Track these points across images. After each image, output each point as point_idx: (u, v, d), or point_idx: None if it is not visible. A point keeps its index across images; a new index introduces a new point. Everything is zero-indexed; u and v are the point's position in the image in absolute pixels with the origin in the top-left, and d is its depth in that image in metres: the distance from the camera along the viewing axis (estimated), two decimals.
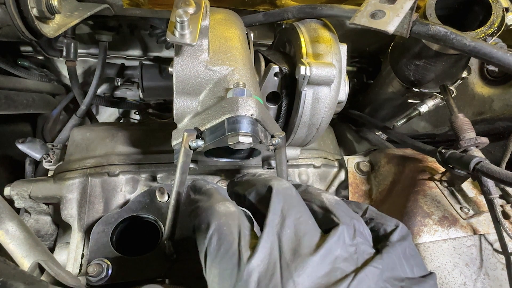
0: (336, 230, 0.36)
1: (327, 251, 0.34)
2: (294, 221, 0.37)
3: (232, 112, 0.55)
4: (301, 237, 0.36)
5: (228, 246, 0.36)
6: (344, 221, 0.38)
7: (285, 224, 0.37)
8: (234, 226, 0.38)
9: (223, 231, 0.37)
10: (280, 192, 0.40)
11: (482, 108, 1.04)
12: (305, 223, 0.37)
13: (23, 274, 0.48)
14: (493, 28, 0.69)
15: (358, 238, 0.37)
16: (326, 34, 0.75)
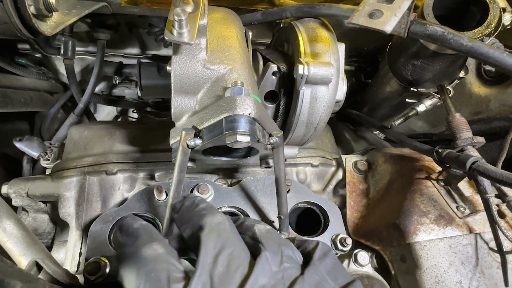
0: (261, 258, 0.37)
1: (253, 282, 0.35)
2: (227, 257, 0.37)
3: (230, 111, 0.55)
4: (233, 272, 0.36)
5: None
6: (269, 248, 0.39)
7: (217, 262, 0.36)
8: (162, 271, 0.36)
9: (151, 279, 0.36)
10: (213, 230, 0.40)
11: (479, 108, 1.04)
12: (238, 257, 0.38)
13: (21, 272, 0.48)
14: (490, 28, 0.70)
15: (285, 263, 0.38)
16: (324, 33, 0.76)
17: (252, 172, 0.90)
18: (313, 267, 0.40)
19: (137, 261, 0.38)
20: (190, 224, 0.43)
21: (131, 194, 0.81)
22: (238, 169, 0.89)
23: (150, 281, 0.36)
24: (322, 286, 0.38)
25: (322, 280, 0.39)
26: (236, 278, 0.36)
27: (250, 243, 0.42)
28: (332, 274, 0.40)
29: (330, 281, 0.39)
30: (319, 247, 0.43)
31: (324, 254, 0.42)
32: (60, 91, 1.37)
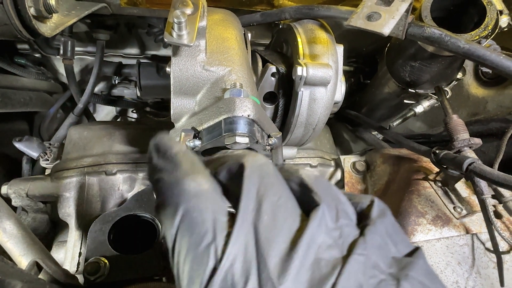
0: (317, 212, 0.31)
1: (309, 240, 0.29)
2: (271, 205, 0.31)
3: (229, 113, 0.56)
4: (281, 225, 0.30)
5: (199, 240, 0.28)
6: (325, 200, 0.32)
7: (261, 210, 0.30)
8: (206, 211, 0.30)
9: (193, 220, 0.29)
10: (255, 171, 0.32)
11: (477, 109, 1.05)
12: (285, 207, 0.31)
13: (21, 273, 0.48)
14: (487, 30, 0.70)
15: (341, 219, 0.32)
16: (323, 34, 0.76)
17: None
18: (373, 227, 0.32)
19: (177, 194, 0.31)
20: (228, 164, 0.35)
21: (130, 194, 0.82)
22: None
23: (192, 222, 0.29)
24: (385, 251, 0.32)
25: (384, 244, 0.32)
26: (285, 231, 0.30)
27: (298, 191, 0.34)
28: (392, 238, 0.33)
29: (391, 246, 0.33)
30: (376, 204, 0.35)
31: (383, 213, 0.35)
32: (59, 91, 1.37)
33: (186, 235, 0.29)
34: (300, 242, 0.28)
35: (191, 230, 0.29)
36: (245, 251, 0.28)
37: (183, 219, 0.29)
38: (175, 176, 0.32)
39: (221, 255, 0.27)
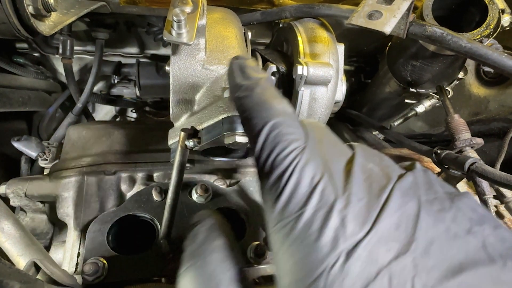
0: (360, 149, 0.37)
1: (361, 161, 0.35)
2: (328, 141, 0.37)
3: (228, 112, 0.56)
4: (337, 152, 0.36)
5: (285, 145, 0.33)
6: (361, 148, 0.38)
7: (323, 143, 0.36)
8: (293, 126, 0.35)
9: (281, 131, 0.34)
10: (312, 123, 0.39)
11: (478, 109, 1.04)
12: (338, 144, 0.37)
13: (19, 273, 0.48)
14: (489, 29, 0.70)
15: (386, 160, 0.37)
16: (324, 33, 0.76)
17: (251, 173, 0.89)
18: (419, 170, 0.35)
19: (267, 110, 0.36)
20: None
21: (129, 195, 0.81)
22: (237, 169, 0.89)
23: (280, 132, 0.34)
24: (434, 185, 0.33)
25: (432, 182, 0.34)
26: (343, 158, 0.34)
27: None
28: (439, 182, 0.35)
29: (439, 186, 0.34)
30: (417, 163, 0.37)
31: (425, 169, 0.37)
32: (58, 91, 1.36)
33: (274, 143, 0.34)
34: (355, 162, 0.33)
35: (279, 138, 0.34)
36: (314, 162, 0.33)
37: (272, 130, 0.35)
38: (264, 96, 0.37)
39: (298, 160, 0.33)
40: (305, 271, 0.28)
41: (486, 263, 0.27)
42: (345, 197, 0.30)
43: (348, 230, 0.28)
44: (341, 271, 0.27)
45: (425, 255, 0.27)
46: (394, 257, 0.27)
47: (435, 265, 0.27)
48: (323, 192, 0.31)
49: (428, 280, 0.26)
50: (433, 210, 0.30)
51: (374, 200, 0.30)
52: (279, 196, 0.32)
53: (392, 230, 0.29)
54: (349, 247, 0.28)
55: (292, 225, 0.30)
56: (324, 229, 0.29)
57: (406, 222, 0.29)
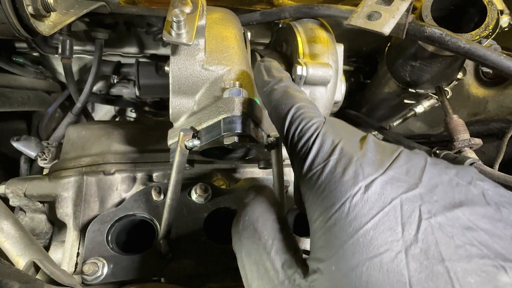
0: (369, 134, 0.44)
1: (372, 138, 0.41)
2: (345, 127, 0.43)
3: (228, 112, 0.56)
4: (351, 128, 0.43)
5: (307, 122, 0.42)
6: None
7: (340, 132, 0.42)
8: (312, 108, 0.44)
9: (303, 112, 0.43)
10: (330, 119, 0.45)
11: (477, 109, 1.04)
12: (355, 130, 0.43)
13: (18, 273, 0.48)
14: (488, 30, 0.70)
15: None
16: (323, 34, 0.76)
17: (251, 173, 0.90)
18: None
19: (291, 98, 0.45)
20: None
21: (129, 195, 0.81)
22: (236, 170, 0.89)
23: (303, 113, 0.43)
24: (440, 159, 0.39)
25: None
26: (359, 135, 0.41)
27: None
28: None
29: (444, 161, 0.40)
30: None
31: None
32: (57, 90, 1.36)
33: (298, 120, 0.43)
34: (368, 137, 0.40)
35: (303, 116, 0.43)
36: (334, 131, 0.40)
37: (297, 110, 0.44)
38: (288, 89, 0.47)
39: (320, 128, 0.41)
40: (332, 201, 0.35)
41: (483, 205, 0.33)
42: (362, 153, 0.37)
43: (366, 171, 0.35)
44: (361, 199, 0.34)
45: (430, 193, 0.33)
46: (404, 191, 0.34)
47: (438, 200, 0.33)
48: (343, 148, 0.38)
49: (432, 208, 0.32)
50: (438, 166, 0.36)
51: (386, 156, 0.37)
52: (307, 155, 0.40)
53: (402, 175, 0.35)
54: (367, 182, 0.34)
55: (320, 173, 0.38)
56: (346, 171, 0.36)
57: (414, 170, 0.35)
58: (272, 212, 0.46)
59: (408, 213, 0.32)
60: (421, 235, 0.31)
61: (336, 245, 0.33)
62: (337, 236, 0.33)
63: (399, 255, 0.30)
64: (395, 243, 0.31)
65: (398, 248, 0.31)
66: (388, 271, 0.30)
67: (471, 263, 0.29)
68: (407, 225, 0.31)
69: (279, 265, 0.39)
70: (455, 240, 0.31)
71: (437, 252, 0.30)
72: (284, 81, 0.48)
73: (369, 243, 0.32)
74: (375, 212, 0.33)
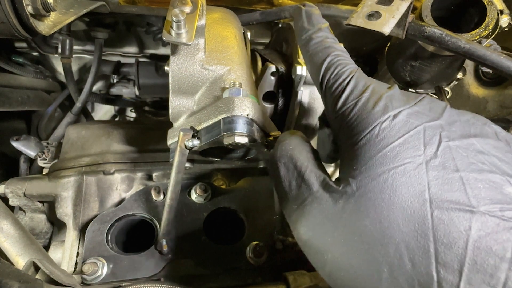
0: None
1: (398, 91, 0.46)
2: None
3: (228, 112, 0.56)
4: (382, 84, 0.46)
5: (342, 67, 0.47)
6: None
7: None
8: (347, 57, 0.49)
9: (339, 60, 0.48)
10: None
11: (477, 109, 1.04)
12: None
13: (18, 273, 0.48)
14: (488, 30, 0.70)
15: None
16: None
17: (250, 173, 0.89)
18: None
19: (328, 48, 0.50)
20: None
21: (128, 194, 0.81)
22: (236, 169, 0.89)
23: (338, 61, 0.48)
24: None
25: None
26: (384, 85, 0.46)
27: None
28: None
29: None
30: None
31: None
32: (57, 90, 1.36)
33: (334, 66, 0.48)
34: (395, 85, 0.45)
35: (338, 62, 0.48)
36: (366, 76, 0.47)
37: (333, 58, 0.49)
38: (325, 39, 0.51)
39: (354, 72, 0.47)
40: (364, 126, 0.41)
41: (495, 139, 0.39)
42: (390, 93, 0.42)
43: (394, 105, 0.41)
44: (389, 124, 0.39)
45: (449, 125, 0.39)
46: (427, 120, 0.40)
47: (456, 130, 0.39)
48: (374, 88, 0.43)
49: (451, 135, 0.38)
50: (457, 110, 0.42)
51: (411, 98, 0.42)
52: (341, 93, 0.44)
53: (426, 111, 0.41)
54: (395, 112, 0.40)
55: (353, 107, 0.43)
56: (376, 104, 0.41)
57: (436, 109, 0.41)
58: (306, 145, 0.50)
59: (429, 136, 0.38)
60: (440, 152, 0.37)
61: (366, 158, 0.39)
62: (367, 151, 0.39)
63: (421, 165, 0.36)
64: (418, 157, 0.37)
65: (420, 161, 0.37)
66: (411, 176, 0.36)
67: (482, 175, 0.35)
68: (429, 145, 0.37)
69: (314, 179, 0.44)
70: (469, 158, 0.36)
71: (453, 165, 0.36)
72: (323, 30, 0.52)
73: (395, 156, 0.37)
74: (401, 134, 0.38)
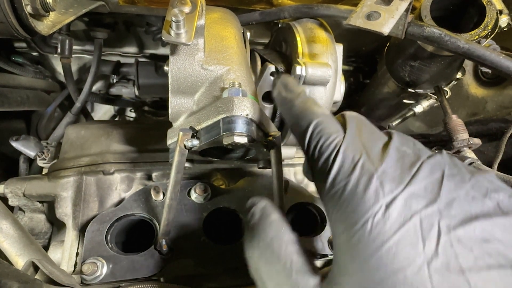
0: (395, 134, 0.43)
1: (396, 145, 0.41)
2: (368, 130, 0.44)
3: (227, 112, 0.55)
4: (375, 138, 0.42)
5: (328, 137, 0.42)
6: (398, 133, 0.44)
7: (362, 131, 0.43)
8: (332, 123, 0.44)
9: (323, 127, 0.43)
10: (353, 115, 0.46)
11: (476, 109, 1.05)
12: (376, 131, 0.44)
13: (17, 273, 0.48)
14: (487, 30, 0.70)
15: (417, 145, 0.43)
16: (322, 34, 0.76)
17: (250, 173, 0.90)
18: (445, 153, 0.42)
19: (310, 114, 0.45)
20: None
21: (128, 194, 0.81)
22: (236, 169, 0.89)
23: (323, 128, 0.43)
24: (457, 164, 0.39)
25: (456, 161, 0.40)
26: (380, 142, 0.41)
27: None
28: (462, 163, 0.41)
29: (462, 166, 0.40)
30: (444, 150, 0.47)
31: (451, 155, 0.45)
32: (57, 90, 1.36)
33: (318, 136, 0.43)
34: (390, 145, 0.40)
35: (322, 132, 0.43)
36: (355, 144, 0.41)
37: (316, 126, 0.44)
38: (306, 105, 0.47)
39: (340, 145, 0.41)
40: (355, 218, 0.36)
41: (498, 215, 0.34)
42: (382, 169, 0.38)
43: (386, 189, 0.36)
44: (383, 216, 0.35)
45: (448, 207, 0.35)
46: (423, 206, 0.35)
47: (456, 214, 0.34)
48: (363, 165, 0.38)
49: (451, 222, 0.34)
50: (455, 180, 0.37)
51: (406, 171, 0.38)
52: (328, 172, 0.40)
53: (421, 191, 0.36)
54: (387, 200, 0.36)
55: (342, 191, 0.38)
56: (367, 189, 0.37)
57: (432, 186, 0.37)
58: (282, 225, 0.46)
59: (428, 228, 0.34)
60: (441, 248, 0.33)
61: (361, 261, 0.35)
62: (361, 253, 0.35)
63: (422, 268, 0.32)
64: (417, 257, 0.33)
65: (420, 262, 0.32)
66: (413, 284, 0.32)
67: (490, 274, 0.32)
68: (427, 240, 0.33)
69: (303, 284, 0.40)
70: (474, 252, 0.32)
71: (457, 265, 0.32)
72: (301, 96, 0.49)
73: (393, 259, 0.33)
74: (396, 228, 0.34)
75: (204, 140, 0.58)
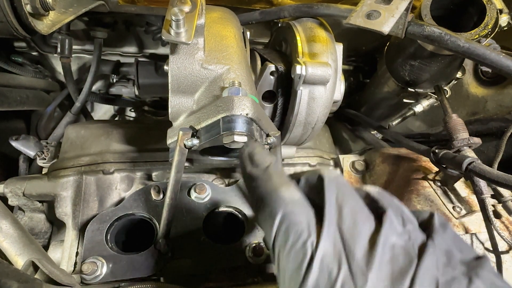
0: (387, 217, 0.36)
1: (385, 239, 0.35)
2: (351, 211, 0.37)
3: (227, 111, 0.55)
4: (360, 227, 0.36)
5: (297, 237, 0.35)
6: (391, 208, 0.38)
7: (343, 215, 0.36)
8: (301, 215, 0.37)
9: (291, 221, 0.36)
10: (332, 181, 0.39)
11: (476, 109, 1.05)
12: (361, 212, 0.37)
13: (17, 272, 0.48)
14: (487, 29, 0.70)
15: (408, 225, 0.37)
16: (322, 33, 0.76)
17: None
18: (439, 234, 0.37)
19: (275, 201, 0.38)
20: (306, 176, 0.42)
21: (128, 194, 0.81)
22: (236, 169, 0.89)
23: (290, 223, 0.36)
24: (453, 256, 0.36)
25: (451, 249, 0.36)
26: (365, 233, 0.35)
27: (366, 201, 0.40)
28: (457, 245, 0.37)
29: (458, 252, 0.36)
30: (437, 216, 0.39)
31: (445, 224, 0.38)
32: (56, 90, 1.36)
33: (285, 234, 0.36)
34: (378, 241, 0.34)
35: (290, 229, 0.36)
36: (334, 246, 0.34)
37: (282, 221, 0.36)
38: (271, 186, 0.40)
39: (315, 248, 0.34)
40: None
41: None
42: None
43: None
44: None
45: None
46: None
47: None
48: (344, 285, 0.32)
49: None
50: None
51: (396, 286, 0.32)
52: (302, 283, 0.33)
53: None
54: None
55: None
56: None
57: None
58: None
59: None
60: None
61: None
62: None
63: None
64: None
65: None
66: None
67: None
68: None
69: None
70: None
71: None
72: (268, 172, 0.42)
73: None
74: None
75: (204, 140, 0.58)
